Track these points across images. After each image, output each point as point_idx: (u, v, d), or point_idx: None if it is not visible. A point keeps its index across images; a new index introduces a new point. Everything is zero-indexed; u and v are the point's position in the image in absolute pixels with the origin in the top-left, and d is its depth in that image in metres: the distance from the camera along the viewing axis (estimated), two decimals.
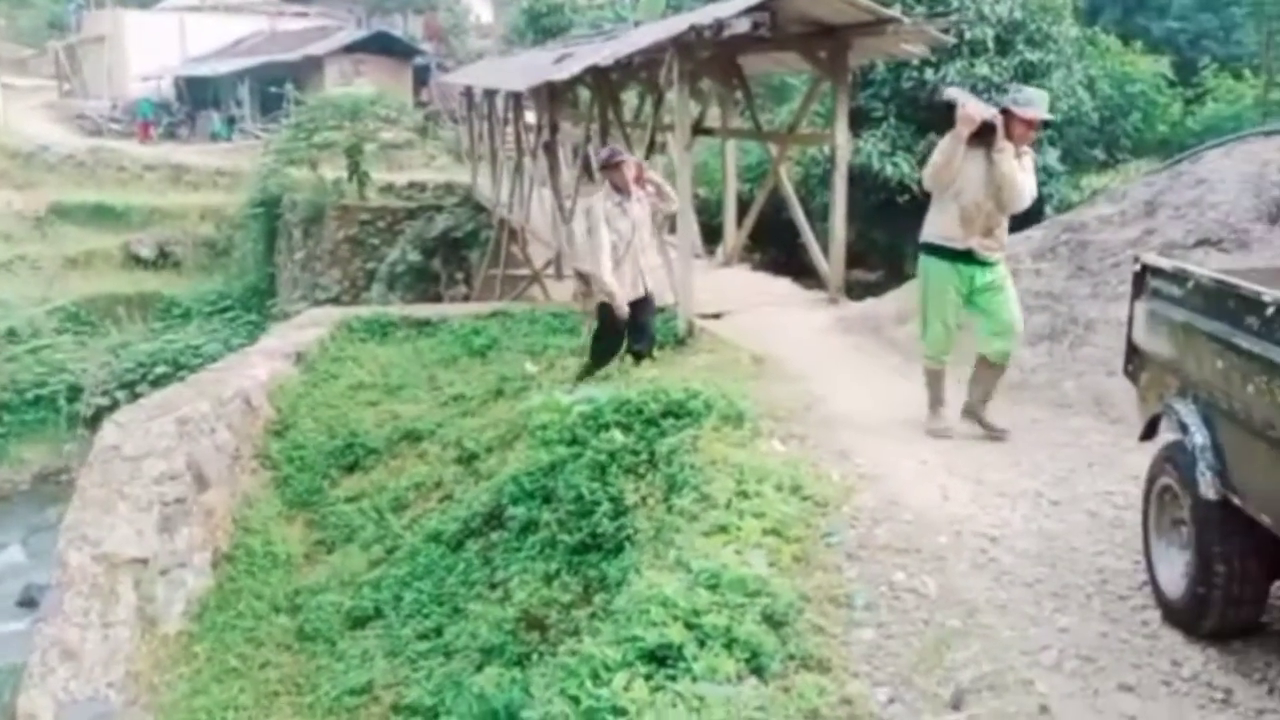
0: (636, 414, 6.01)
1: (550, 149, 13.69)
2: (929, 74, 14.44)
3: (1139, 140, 17.94)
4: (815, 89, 10.87)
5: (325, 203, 21.70)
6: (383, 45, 32.71)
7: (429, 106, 30.46)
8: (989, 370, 5.88)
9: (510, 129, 16.91)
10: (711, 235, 13.35)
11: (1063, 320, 7.78)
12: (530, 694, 4.08)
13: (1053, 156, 14.84)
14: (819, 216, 11.60)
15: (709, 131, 12.14)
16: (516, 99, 15.75)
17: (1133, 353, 4.06)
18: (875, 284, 14.93)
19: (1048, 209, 13.47)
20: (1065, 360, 7.44)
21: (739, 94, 12.29)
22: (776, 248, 14.55)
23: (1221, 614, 3.42)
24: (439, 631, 6.07)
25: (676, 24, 9.03)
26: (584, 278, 13.00)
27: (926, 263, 5.84)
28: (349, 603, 7.09)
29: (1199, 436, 3.37)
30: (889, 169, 14.48)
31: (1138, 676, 3.33)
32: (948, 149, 5.56)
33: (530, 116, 15.84)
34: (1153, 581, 3.77)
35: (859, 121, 14.68)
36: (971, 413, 5.97)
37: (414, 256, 19.69)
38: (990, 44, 14.73)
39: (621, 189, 7.35)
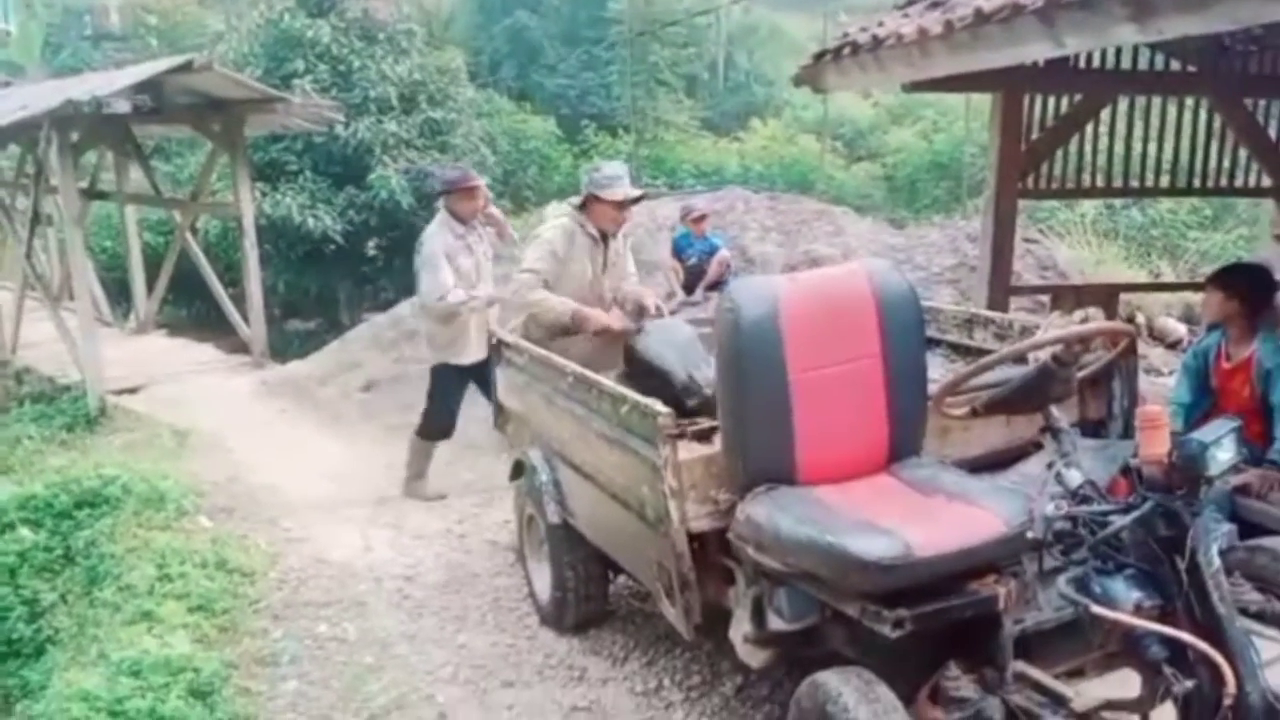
0: (46, 509, 5.79)
1: None
2: (340, 130, 15.03)
3: (540, 191, 19.76)
4: (214, 157, 10.72)
5: None
6: None
7: None
8: None
9: None
10: (125, 293, 12.60)
11: None
12: None
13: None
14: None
15: (104, 195, 11.50)
16: None
17: (500, 409, 4.96)
18: (314, 332, 15.11)
19: None
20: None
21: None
22: (200, 305, 14.10)
23: (577, 610, 4.34)
24: None
25: (51, 96, 8.47)
26: None
27: None
28: None
29: (544, 475, 4.29)
30: (310, 222, 14.79)
31: (518, 673, 4.13)
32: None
33: None
34: (531, 593, 4.65)
35: (276, 174, 14.85)
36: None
37: None
38: (395, 102, 15.74)
39: (465, 220, 5.91)
